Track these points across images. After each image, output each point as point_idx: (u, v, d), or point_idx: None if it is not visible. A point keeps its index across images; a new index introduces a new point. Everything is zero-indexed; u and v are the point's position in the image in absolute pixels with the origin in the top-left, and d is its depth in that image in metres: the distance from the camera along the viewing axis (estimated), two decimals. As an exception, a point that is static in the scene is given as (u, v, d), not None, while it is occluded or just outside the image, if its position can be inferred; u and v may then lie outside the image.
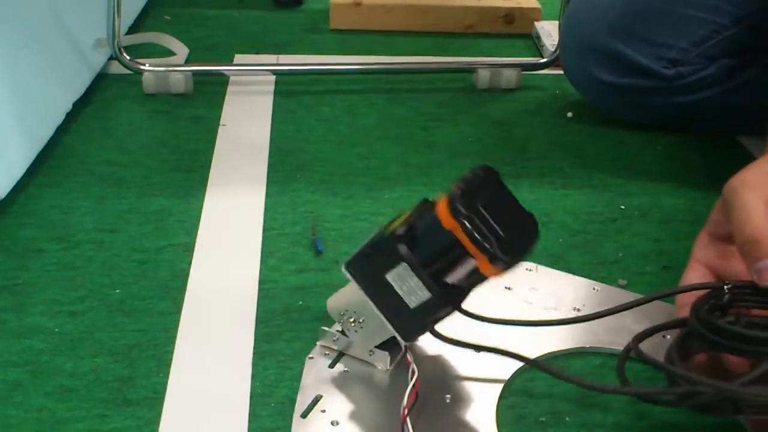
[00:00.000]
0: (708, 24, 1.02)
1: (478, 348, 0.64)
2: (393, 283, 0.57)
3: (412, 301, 0.57)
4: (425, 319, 0.58)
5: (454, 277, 0.57)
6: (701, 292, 0.59)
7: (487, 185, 0.57)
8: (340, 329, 0.64)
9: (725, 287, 0.58)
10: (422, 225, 0.57)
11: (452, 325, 0.69)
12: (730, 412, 0.53)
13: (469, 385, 0.63)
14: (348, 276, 0.59)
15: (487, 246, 0.53)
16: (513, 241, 0.55)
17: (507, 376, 0.64)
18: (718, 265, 0.62)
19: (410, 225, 0.57)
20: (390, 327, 0.60)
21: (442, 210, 0.54)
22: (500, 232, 0.54)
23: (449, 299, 0.58)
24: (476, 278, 0.57)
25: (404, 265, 0.56)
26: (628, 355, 0.59)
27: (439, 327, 0.62)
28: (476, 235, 0.53)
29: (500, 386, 0.63)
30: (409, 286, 0.57)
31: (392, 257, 0.57)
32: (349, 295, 0.62)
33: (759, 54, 1.02)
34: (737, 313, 0.58)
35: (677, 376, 0.55)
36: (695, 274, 0.62)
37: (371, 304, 0.59)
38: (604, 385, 0.61)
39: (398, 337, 0.60)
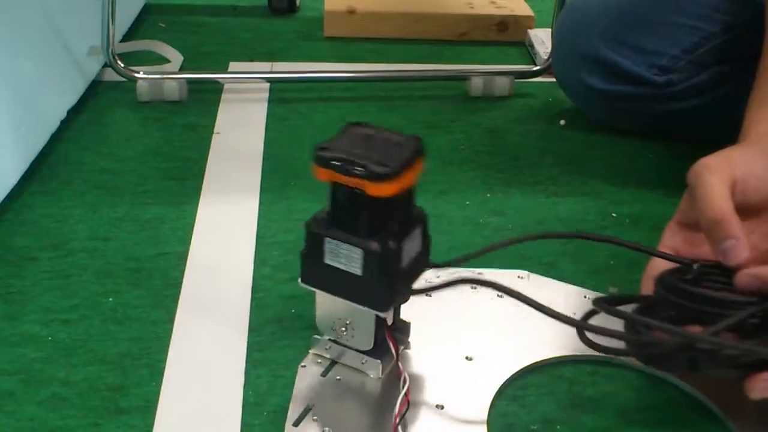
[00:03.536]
0: (699, 32, 1.02)
1: (446, 284, 0.62)
2: (334, 263, 0.59)
3: (356, 268, 0.58)
4: (378, 278, 0.58)
5: (373, 223, 0.57)
6: (669, 269, 0.61)
7: (356, 132, 0.59)
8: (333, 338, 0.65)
9: (694, 265, 0.60)
10: (327, 202, 0.59)
11: (440, 329, 0.69)
12: (685, 366, 0.55)
13: (460, 393, 0.63)
14: (307, 287, 0.61)
15: (360, 169, 0.55)
16: (388, 156, 0.56)
17: (498, 384, 0.64)
18: (686, 252, 0.65)
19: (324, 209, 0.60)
20: (363, 308, 0.60)
21: (314, 168, 0.57)
22: (373, 155, 0.56)
23: (382, 245, 0.58)
24: (389, 211, 0.58)
25: (327, 239, 0.58)
26: (592, 315, 0.60)
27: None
28: (346, 166, 0.55)
29: (491, 394, 0.63)
30: (345, 256, 0.58)
31: (316, 241, 0.59)
32: (322, 304, 0.63)
33: (749, 61, 1.02)
34: None
35: (638, 323, 0.56)
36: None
37: (338, 298, 0.60)
38: (567, 317, 0.59)
39: (376, 312, 0.60)
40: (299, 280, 0.61)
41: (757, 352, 0.54)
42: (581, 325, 0.58)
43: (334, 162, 0.56)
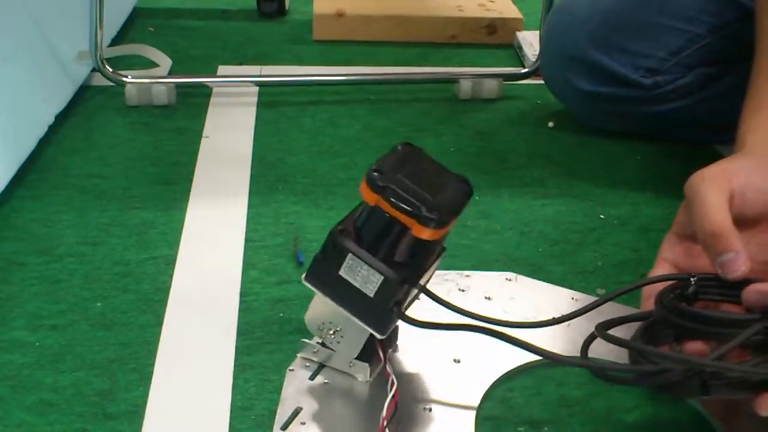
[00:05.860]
0: (685, 33, 1.03)
1: (451, 327, 0.63)
2: (347, 278, 0.58)
3: (370, 289, 0.58)
4: (388, 304, 0.58)
5: (401, 255, 0.57)
6: (667, 286, 0.60)
7: (409, 159, 0.59)
8: (320, 341, 0.65)
9: (691, 279, 0.59)
10: (357, 213, 0.58)
11: (428, 332, 0.69)
12: (697, 391, 0.53)
13: (448, 396, 0.63)
14: (310, 287, 0.60)
15: (411, 209, 0.54)
16: (440, 201, 0.56)
17: (486, 386, 0.64)
18: (685, 263, 0.64)
19: (348, 218, 0.59)
20: (361, 324, 0.60)
21: (364, 189, 0.56)
22: (425, 195, 0.55)
23: (403, 277, 0.58)
24: (422, 249, 0.57)
25: (350, 255, 0.57)
26: (592, 341, 0.59)
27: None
28: (398, 201, 0.55)
29: (479, 397, 0.63)
30: (362, 275, 0.58)
31: (338, 252, 0.58)
32: (319, 306, 0.62)
33: (735, 63, 1.03)
34: (704, 307, 0.59)
35: (645, 352, 0.55)
36: (661, 271, 0.63)
37: (338, 307, 0.60)
38: (570, 357, 0.62)
39: (373, 333, 0.60)
40: (303, 276, 0.60)
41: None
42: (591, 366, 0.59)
43: (387, 191, 0.55)
